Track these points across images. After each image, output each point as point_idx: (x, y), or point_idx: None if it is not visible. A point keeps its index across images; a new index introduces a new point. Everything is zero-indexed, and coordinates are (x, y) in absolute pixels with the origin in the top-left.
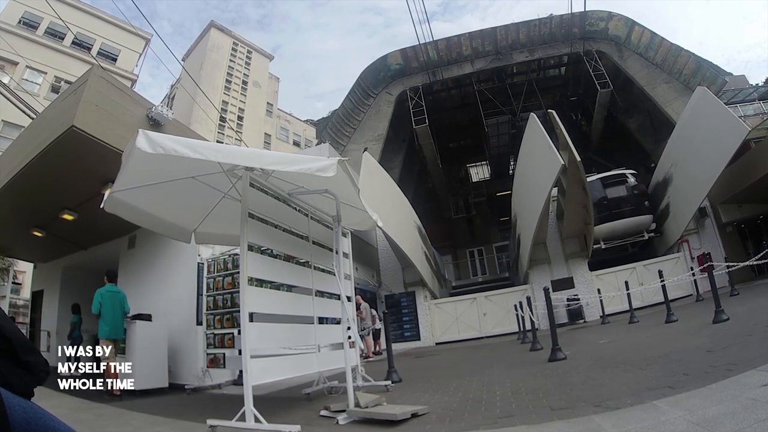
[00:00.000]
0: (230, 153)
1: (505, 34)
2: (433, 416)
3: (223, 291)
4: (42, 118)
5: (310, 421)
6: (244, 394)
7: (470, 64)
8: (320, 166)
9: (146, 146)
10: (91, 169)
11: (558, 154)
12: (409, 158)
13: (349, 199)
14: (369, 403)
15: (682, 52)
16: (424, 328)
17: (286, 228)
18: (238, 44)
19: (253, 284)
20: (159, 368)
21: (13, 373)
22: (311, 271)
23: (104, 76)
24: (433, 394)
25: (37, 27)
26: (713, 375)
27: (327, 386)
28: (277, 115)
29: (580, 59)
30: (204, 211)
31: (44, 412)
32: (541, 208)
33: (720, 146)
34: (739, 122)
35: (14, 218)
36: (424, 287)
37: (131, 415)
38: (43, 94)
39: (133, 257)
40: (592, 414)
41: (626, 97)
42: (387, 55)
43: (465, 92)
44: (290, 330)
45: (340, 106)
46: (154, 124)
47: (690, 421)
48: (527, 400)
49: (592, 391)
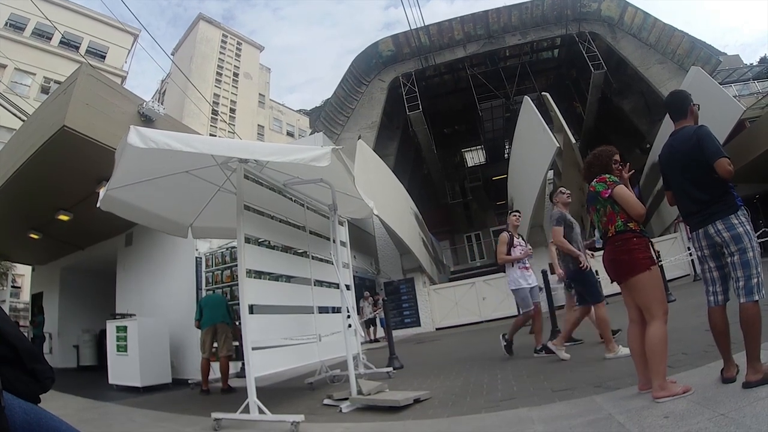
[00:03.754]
0: (223, 145)
1: (497, 17)
2: (435, 401)
3: (222, 284)
4: (33, 120)
5: (313, 410)
6: (247, 385)
7: (462, 48)
8: (314, 155)
9: (138, 142)
10: (85, 169)
11: (553, 137)
12: (404, 145)
13: (345, 188)
14: (371, 391)
15: (676, 32)
16: (423, 314)
17: (283, 219)
18: (228, 36)
19: (251, 276)
20: (162, 364)
21: (20, 380)
22: (309, 261)
23: (93, 74)
24: (434, 380)
25: (24, 28)
26: (712, 354)
27: (329, 375)
28: (270, 106)
29: (573, 41)
30: (199, 206)
31: (46, 414)
32: (537, 191)
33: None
34: (734, 102)
35: (10, 222)
36: (422, 273)
37: (136, 412)
38: (33, 96)
39: (131, 255)
40: (593, 395)
41: (620, 79)
42: (378, 42)
43: (458, 77)
44: (290, 320)
45: (332, 95)
46: (145, 120)
47: (690, 400)
48: (528, 382)
49: (592, 372)
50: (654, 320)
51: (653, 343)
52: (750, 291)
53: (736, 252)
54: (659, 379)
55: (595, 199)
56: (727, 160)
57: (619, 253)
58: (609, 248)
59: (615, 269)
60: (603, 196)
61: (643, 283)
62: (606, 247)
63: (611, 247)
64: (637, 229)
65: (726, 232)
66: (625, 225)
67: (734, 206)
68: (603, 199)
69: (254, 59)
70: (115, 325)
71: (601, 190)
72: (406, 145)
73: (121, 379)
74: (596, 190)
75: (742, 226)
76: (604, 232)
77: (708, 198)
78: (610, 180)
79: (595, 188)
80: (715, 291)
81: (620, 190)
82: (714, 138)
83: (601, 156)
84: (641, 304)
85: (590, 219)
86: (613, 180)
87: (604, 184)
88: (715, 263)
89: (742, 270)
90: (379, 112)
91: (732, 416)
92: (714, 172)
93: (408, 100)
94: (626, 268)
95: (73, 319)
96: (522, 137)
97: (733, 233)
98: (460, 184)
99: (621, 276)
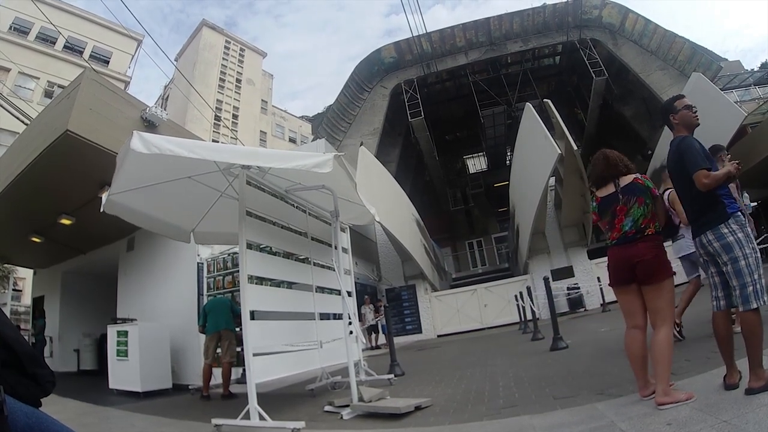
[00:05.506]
0: (226, 152)
1: (499, 24)
2: (436, 408)
3: (223, 290)
4: (36, 124)
5: (314, 417)
6: (248, 392)
7: (464, 55)
8: (316, 162)
9: (141, 147)
10: (88, 173)
11: (555, 144)
12: (406, 151)
13: (347, 194)
14: (372, 397)
15: (677, 39)
16: (425, 321)
17: (285, 225)
18: (231, 42)
19: (253, 282)
20: (162, 369)
21: (22, 384)
22: (311, 267)
23: (97, 79)
24: (436, 387)
25: (28, 32)
26: (714, 361)
27: (330, 382)
28: (272, 112)
29: (574, 48)
30: (202, 211)
31: (47, 418)
32: (539, 198)
33: (717, 132)
34: (736, 108)
35: (12, 225)
36: (424, 280)
37: (136, 416)
38: (37, 100)
39: (132, 260)
40: (595, 402)
41: (621, 85)
42: (380, 49)
43: (460, 84)
44: (292, 327)
45: (334, 101)
46: (148, 125)
47: (693, 407)
48: (530, 389)
49: (594, 379)
50: (664, 325)
51: (662, 348)
52: (746, 299)
53: (728, 261)
54: (663, 384)
55: (644, 193)
56: (704, 172)
57: (659, 253)
58: (644, 245)
59: (649, 268)
60: (653, 193)
61: (669, 287)
62: (638, 244)
63: (649, 244)
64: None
65: (716, 242)
66: (658, 229)
67: (724, 215)
68: (653, 195)
69: (257, 65)
70: (116, 329)
71: (652, 187)
72: (408, 152)
73: (122, 384)
74: (646, 185)
75: (732, 234)
76: (638, 228)
77: (699, 208)
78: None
79: (645, 183)
80: (717, 296)
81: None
82: (694, 149)
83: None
84: (657, 308)
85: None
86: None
87: (651, 182)
88: (716, 269)
89: (736, 279)
90: (381, 118)
91: (735, 423)
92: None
93: (410, 106)
94: (662, 269)
95: (74, 323)
96: (523, 144)
97: (723, 243)
98: (461, 190)
99: (654, 276)
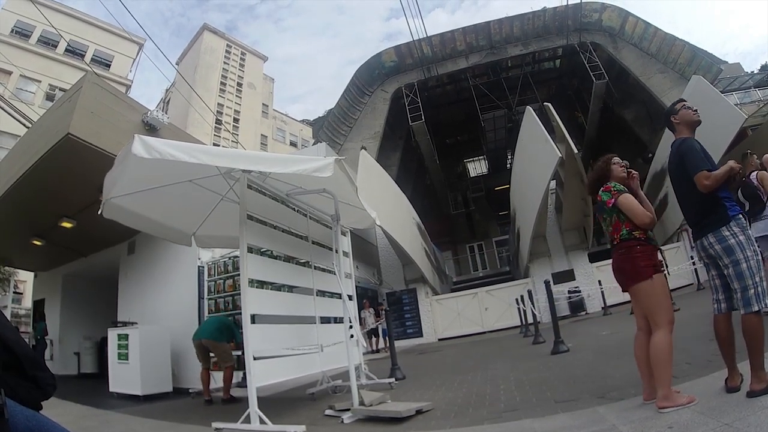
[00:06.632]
0: (227, 156)
1: (499, 28)
2: (437, 412)
3: (224, 294)
4: (37, 127)
5: (314, 420)
6: (249, 395)
7: (465, 59)
8: (317, 166)
9: (142, 151)
10: (89, 176)
11: (555, 147)
12: (407, 155)
13: (348, 198)
14: (373, 401)
15: (677, 42)
16: (426, 325)
17: (286, 228)
18: (232, 46)
19: (254, 286)
20: (163, 373)
21: (22, 387)
22: (312, 270)
23: (98, 82)
24: (437, 390)
25: (30, 35)
26: (716, 363)
27: (331, 385)
28: (273, 116)
29: (574, 51)
30: (203, 214)
31: (48, 421)
32: (539, 201)
33: (717, 135)
34: (736, 110)
35: (13, 228)
36: (425, 284)
37: (136, 420)
38: (38, 103)
39: (133, 263)
40: (596, 406)
41: (622, 88)
42: (381, 53)
43: (460, 87)
44: (292, 330)
45: (335, 105)
46: (149, 128)
47: (694, 410)
48: (531, 393)
49: (595, 383)
50: (659, 329)
51: (657, 351)
52: (748, 302)
53: (729, 264)
54: (664, 388)
55: (601, 209)
56: (705, 174)
57: (622, 262)
58: (614, 256)
59: (619, 277)
60: (608, 205)
61: (646, 290)
62: (612, 256)
63: (616, 255)
64: (642, 237)
65: (717, 245)
66: (630, 233)
67: (725, 218)
68: (608, 208)
69: (258, 69)
70: (117, 332)
71: (606, 200)
72: (409, 156)
73: (122, 387)
74: (602, 200)
75: (734, 237)
76: (610, 240)
77: (699, 211)
78: (615, 189)
79: (601, 197)
80: (718, 299)
81: (624, 199)
82: (695, 151)
83: (598, 167)
84: (646, 312)
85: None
86: (618, 189)
87: (608, 193)
88: (717, 271)
89: (737, 282)
90: (382, 122)
91: (736, 426)
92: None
93: (410, 110)
94: (629, 276)
95: (75, 326)
96: (524, 147)
97: (725, 245)
98: (462, 194)
99: (624, 283)
